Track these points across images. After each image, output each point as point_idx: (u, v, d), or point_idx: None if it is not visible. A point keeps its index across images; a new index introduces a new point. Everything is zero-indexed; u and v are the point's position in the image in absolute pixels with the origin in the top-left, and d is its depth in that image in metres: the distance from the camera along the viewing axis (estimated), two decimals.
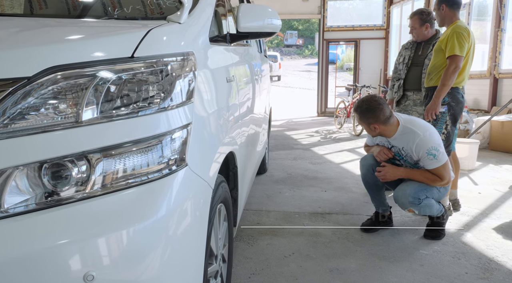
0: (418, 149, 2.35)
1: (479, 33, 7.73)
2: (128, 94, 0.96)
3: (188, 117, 1.08)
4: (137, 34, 1.03)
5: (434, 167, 2.35)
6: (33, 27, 1.14)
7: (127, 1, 1.49)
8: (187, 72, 1.13)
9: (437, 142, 2.36)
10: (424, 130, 2.37)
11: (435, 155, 2.32)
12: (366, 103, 2.39)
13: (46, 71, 0.86)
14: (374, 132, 2.44)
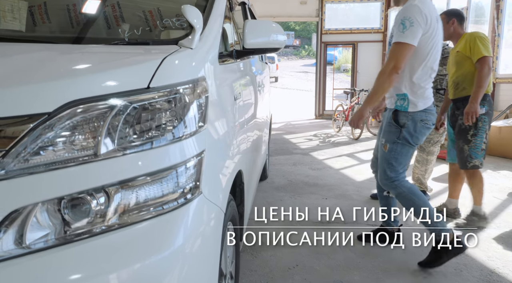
0: (398, 16, 2.13)
1: None
2: (144, 125, 0.97)
3: (201, 144, 1.10)
4: (152, 63, 1.04)
5: (394, 41, 2.12)
6: (46, 57, 1.13)
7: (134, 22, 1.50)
8: (199, 98, 1.14)
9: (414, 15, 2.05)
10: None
11: (406, 26, 2.05)
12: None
13: (66, 105, 0.87)
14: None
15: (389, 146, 2.32)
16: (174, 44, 1.26)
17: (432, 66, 2.24)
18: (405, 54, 2.08)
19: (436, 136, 3.51)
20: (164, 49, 1.19)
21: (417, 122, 2.26)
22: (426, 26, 2.08)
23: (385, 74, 2.13)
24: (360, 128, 2.35)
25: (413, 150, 2.38)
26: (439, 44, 2.24)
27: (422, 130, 2.29)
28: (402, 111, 2.27)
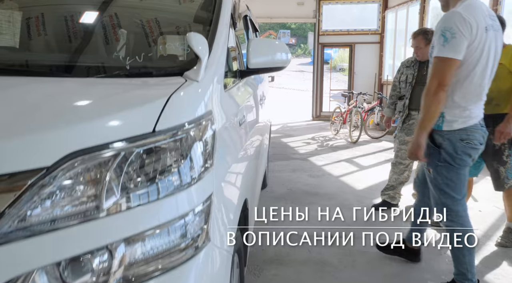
0: (438, 26, 1.90)
1: None
2: (149, 174, 0.91)
3: (210, 187, 1.04)
4: (157, 103, 0.98)
5: (435, 55, 1.89)
6: (40, 99, 1.03)
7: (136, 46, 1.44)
8: (206, 136, 1.09)
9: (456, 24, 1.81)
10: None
11: (447, 39, 1.82)
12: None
13: (65, 158, 0.81)
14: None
15: (433, 170, 2.06)
16: (179, 75, 1.20)
17: (481, 83, 1.94)
18: (449, 70, 1.84)
19: None
20: (169, 82, 1.13)
21: (456, 142, 1.97)
22: (471, 37, 1.80)
23: (430, 94, 1.88)
24: (421, 159, 2.05)
25: (464, 172, 2.06)
26: (491, 57, 1.92)
27: (465, 150, 1.98)
28: (437, 130, 2.01)
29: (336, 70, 25.57)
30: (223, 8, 1.66)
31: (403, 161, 3.59)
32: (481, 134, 2.02)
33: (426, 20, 9.19)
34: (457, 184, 2.03)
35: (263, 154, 3.26)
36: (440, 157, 2.00)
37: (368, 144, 7.34)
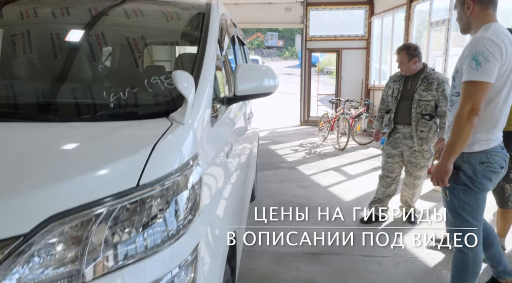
0: (467, 50, 1.87)
1: (458, 48, 7.90)
2: (134, 229, 0.89)
3: (197, 236, 1.02)
4: (141, 154, 0.96)
5: (467, 79, 1.84)
6: (13, 155, 0.96)
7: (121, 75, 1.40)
8: (193, 181, 1.07)
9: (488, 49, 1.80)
10: None
11: (479, 63, 1.79)
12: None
13: (44, 222, 0.78)
14: (464, 15, 1.98)
15: (450, 193, 2.01)
16: (165, 117, 1.17)
17: (504, 107, 1.91)
18: (483, 94, 1.80)
19: (423, 161, 3.50)
20: (153, 127, 1.10)
21: (476, 165, 1.92)
22: (502, 61, 1.81)
23: (463, 118, 1.82)
24: (446, 184, 1.96)
25: (483, 196, 2.00)
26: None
27: (485, 173, 1.92)
28: None
29: (324, 72, 25.76)
30: (209, 37, 1.64)
31: (389, 174, 3.62)
32: (502, 157, 1.96)
33: (411, 27, 9.31)
34: (474, 208, 1.97)
35: (251, 167, 3.24)
36: (458, 180, 1.95)
37: (356, 151, 7.39)
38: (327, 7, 11.01)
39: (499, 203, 2.83)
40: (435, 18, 8.46)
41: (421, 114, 3.39)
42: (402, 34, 9.65)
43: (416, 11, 9.23)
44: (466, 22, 1.97)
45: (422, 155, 3.47)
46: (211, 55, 1.51)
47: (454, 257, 2.12)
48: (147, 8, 2.03)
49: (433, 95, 3.34)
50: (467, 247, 2.00)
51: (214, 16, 1.89)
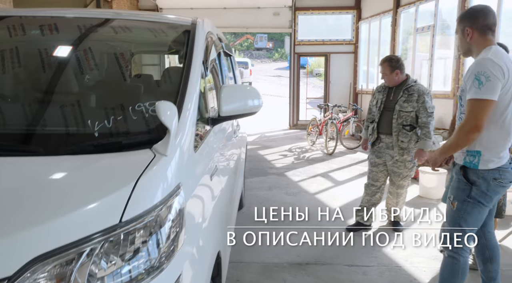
0: (470, 71, 2.01)
1: (442, 54, 8.05)
2: (117, 263, 0.92)
3: (179, 267, 1.05)
4: (123, 191, 0.99)
5: (471, 97, 1.97)
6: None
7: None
8: (175, 212, 1.10)
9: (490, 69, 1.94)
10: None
11: (482, 82, 1.93)
12: (472, 8, 2.19)
13: (28, 264, 0.80)
14: (464, 40, 2.11)
15: (458, 204, 2.14)
16: (148, 148, 1.20)
17: (510, 121, 2.05)
18: (486, 111, 1.94)
19: (405, 171, 3.57)
20: (136, 161, 1.13)
21: (490, 181, 2.06)
22: (504, 80, 1.95)
23: (464, 131, 1.99)
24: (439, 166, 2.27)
25: (486, 211, 2.16)
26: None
27: (496, 189, 2.08)
28: (473, 169, 2.09)
29: (313, 75, 25.92)
30: (194, 61, 1.67)
31: (374, 182, 3.69)
32: (511, 172, 2.10)
33: (398, 32, 9.45)
34: (475, 221, 2.13)
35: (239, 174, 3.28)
36: (470, 194, 2.09)
37: (344, 156, 7.48)
38: (315, 11, 11.11)
39: (495, 215, 2.83)
40: (421, 24, 8.60)
41: (402, 125, 3.47)
42: (389, 38, 9.80)
43: (402, 17, 9.38)
44: (467, 47, 2.12)
45: (404, 165, 3.54)
46: (195, 79, 1.54)
47: (446, 262, 2.24)
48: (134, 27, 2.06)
49: (413, 106, 3.42)
50: (459, 253, 2.18)
51: (199, 36, 1.93)
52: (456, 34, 2.20)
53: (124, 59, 1.82)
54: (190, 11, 10.95)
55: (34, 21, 1.95)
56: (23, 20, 1.91)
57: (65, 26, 1.91)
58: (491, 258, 2.38)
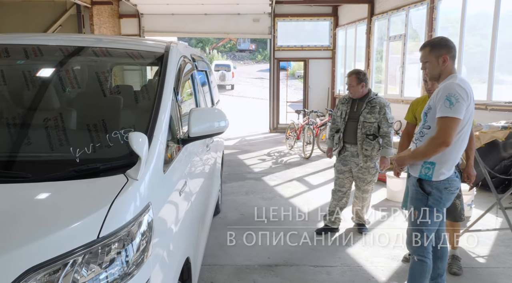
0: (441, 93, 2.27)
1: (414, 60, 8.45)
2: (95, 271, 1.14)
3: (148, 272, 1.28)
4: (100, 212, 1.20)
5: (442, 115, 2.24)
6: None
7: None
8: (145, 227, 1.32)
9: (459, 93, 2.23)
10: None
11: (452, 103, 2.22)
12: (444, 38, 2.45)
13: (22, 275, 1.02)
14: (437, 66, 2.36)
15: (418, 213, 2.43)
16: (122, 173, 1.42)
17: (465, 138, 2.36)
18: (455, 128, 2.22)
19: (369, 177, 3.87)
20: (111, 185, 1.34)
21: (442, 190, 2.37)
22: (467, 102, 2.25)
23: (434, 144, 2.25)
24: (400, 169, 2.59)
25: (441, 216, 2.46)
26: (471, 118, 2.38)
27: (448, 196, 2.40)
28: (427, 180, 2.37)
29: (295, 77, 26.27)
30: (166, 87, 1.89)
31: (341, 188, 3.97)
32: (458, 181, 2.46)
33: (372, 39, 9.83)
34: (434, 226, 2.44)
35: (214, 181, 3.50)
36: (427, 203, 2.40)
37: (320, 160, 7.77)
38: (294, 18, 11.42)
39: (453, 218, 3.17)
40: (393, 33, 9.00)
41: (365, 134, 3.76)
42: (364, 45, 10.18)
43: (376, 25, 9.77)
44: (438, 72, 2.39)
45: (368, 171, 3.84)
46: (166, 107, 1.77)
47: (415, 264, 2.51)
48: (113, 53, 2.26)
49: (376, 117, 3.72)
50: (427, 256, 2.47)
51: (171, 63, 2.14)
52: (424, 61, 2.43)
53: (104, 89, 2.04)
54: (171, 17, 11.11)
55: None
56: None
57: (50, 54, 2.11)
58: (441, 256, 2.68)
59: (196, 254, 2.11)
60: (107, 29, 10.22)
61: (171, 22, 11.16)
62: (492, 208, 3.63)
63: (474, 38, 6.78)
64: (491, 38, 6.26)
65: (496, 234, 3.92)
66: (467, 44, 7.03)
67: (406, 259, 3.34)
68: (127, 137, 1.62)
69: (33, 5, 9.49)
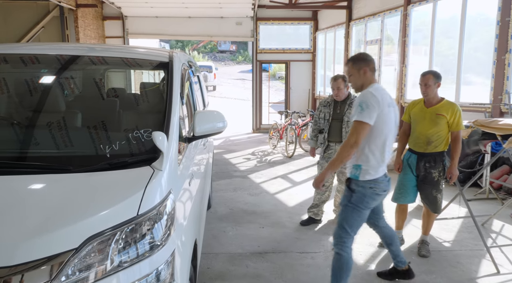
0: (357, 100, 2.54)
1: (389, 65, 8.96)
2: (136, 241, 1.44)
3: (173, 245, 1.58)
4: (137, 195, 1.51)
5: (355, 119, 2.48)
6: (61, 202, 1.46)
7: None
8: (169, 208, 1.63)
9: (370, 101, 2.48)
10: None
11: (363, 108, 2.46)
12: (363, 54, 2.79)
13: (86, 241, 1.32)
14: (360, 78, 2.64)
15: (342, 208, 2.67)
16: (148, 165, 1.72)
17: (385, 142, 2.56)
18: (363, 131, 2.46)
19: None
20: (141, 174, 1.64)
21: (367, 189, 2.57)
22: (379, 108, 2.46)
23: (347, 147, 2.48)
24: (321, 189, 2.66)
25: (365, 214, 2.65)
26: (392, 125, 2.59)
27: (372, 196, 2.58)
28: (354, 179, 2.61)
29: (276, 78, 26.71)
30: (174, 91, 2.19)
31: (324, 183, 4.33)
32: (385, 184, 2.64)
33: (350, 43, 10.32)
34: (356, 222, 2.63)
35: (207, 179, 3.80)
36: (351, 199, 2.61)
37: (302, 158, 8.16)
38: (276, 22, 11.80)
39: (433, 210, 3.56)
40: (370, 37, 9.50)
41: None
42: (343, 48, 10.66)
43: (354, 30, 10.26)
44: (361, 83, 2.68)
45: None
46: (176, 110, 2.07)
47: (334, 257, 2.71)
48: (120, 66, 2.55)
49: None
50: (344, 250, 2.64)
51: (176, 69, 2.44)
52: (348, 74, 2.74)
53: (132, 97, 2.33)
54: (155, 20, 11.29)
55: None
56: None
57: (81, 63, 2.40)
58: (390, 243, 3.06)
59: (199, 238, 2.42)
60: (91, 31, 10.32)
61: (155, 25, 11.34)
62: (455, 198, 4.08)
63: (448, 41, 7.13)
64: (458, 42, 6.79)
65: (461, 222, 4.38)
66: (442, 47, 7.52)
67: (381, 244, 3.74)
68: (146, 136, 1.93)
69: (15, 6, 9.47)
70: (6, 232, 1.30)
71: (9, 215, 1.38)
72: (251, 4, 10.01)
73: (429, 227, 3.70)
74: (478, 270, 3.33)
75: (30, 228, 1.31)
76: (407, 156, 3.59)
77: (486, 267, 3.37)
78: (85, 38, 9.84)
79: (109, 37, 11.16)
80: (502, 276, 3.23)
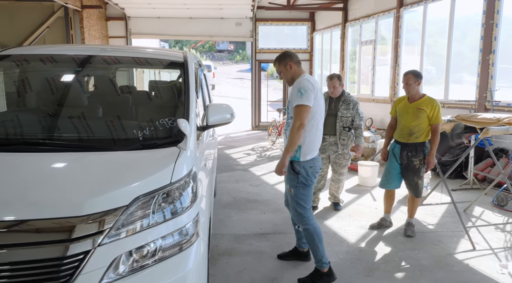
0: (294, 87, 2.79)
1: (383, 64, 9.37)
2: (170, 203, 1.82)
3: (197, 208, 1.97)
4: (170, 167, 1.89)
5: (296, 104, 2.73)
6: (116, 168, 1.87)
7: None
8: (193, 181, 2.02)
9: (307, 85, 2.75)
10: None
11: (302, 93, 2.72)
12: (285, 51, 3.03)
13: (135, 199, 1.70)
14: (288, 72, 2.92)
15: (293, 190, 2.93)
16: (175, 146, 2.11)
17: (318, 123, 2.86)
18: (306, 113, 2.72)
19: (344, 161, 4.66)
20: (171, 152, 2.03)
21: (308, 169, 2.87)
22: (314, 93, 2.77)
23: (295, 130, 2.73)
24: (284, 174, 2.85)
25: (311, 189, 2.96)
26: (322, 109, 2.93)
27: (313, 174, 2.91)
28: (296, 161, 2.86)
29: (273, 77, 27.08)
30: (190, 86, 2.57)
31: (320, 173, 4.73)
32: (320, 161, 2.99)
33: (346, 44, 10.72)
34: (308, 197, 2.95)
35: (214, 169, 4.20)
36: (298, 180, 2.88)
37: None
38: (274, 22, 12.19)
39: (414, 194, 3.96)
40: (365, 38, 9.90)
41: (343, 127, 4.55)
42: (339, 48, 11.06)
43: (349, 31, 10.66)
44: (291, 77, 2.97)
45: (344, 156, 4.63)
46: (193, 102, 2.47)
47: (304, 233, 3.01)
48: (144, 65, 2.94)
49: (351, 113, 4.52)
50: (308, 223, 2.96)
51: (191, 68, 2.82)
52: (278, 73, 3.03)
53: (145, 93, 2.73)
54: (157, 20, 11.65)
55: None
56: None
57: (123, 62, 2.81)
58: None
59: (211, 215, 2.81)
60: (96, 31, 10.66)
61: (157, 25, 11.69)
62: (437, 186, 4.47)
63: (443, 41, 7.48)
64: (447, 42, 7.19)
65: (445, 208, 4.79)
66: (434, 48, 7.89)
67: (372, 227, 4.15)
68: (171, 123, 2.32)
69: (21, 6, 9.74)
70: (76, 191, 1.69)
71: (78, 180, 1.78)
72: (251, 6, 10.39)
73: (414, 211, 4.10)
74: (457, 247, 3.73)
75: (93, 189, 1.70)
76: (392, 146, 4.01)
77: (464, 245, 3.77)
78: (90, 38, 10.18)
79: (113, 37, 11.51)
80: (477, 251, 3.64)
